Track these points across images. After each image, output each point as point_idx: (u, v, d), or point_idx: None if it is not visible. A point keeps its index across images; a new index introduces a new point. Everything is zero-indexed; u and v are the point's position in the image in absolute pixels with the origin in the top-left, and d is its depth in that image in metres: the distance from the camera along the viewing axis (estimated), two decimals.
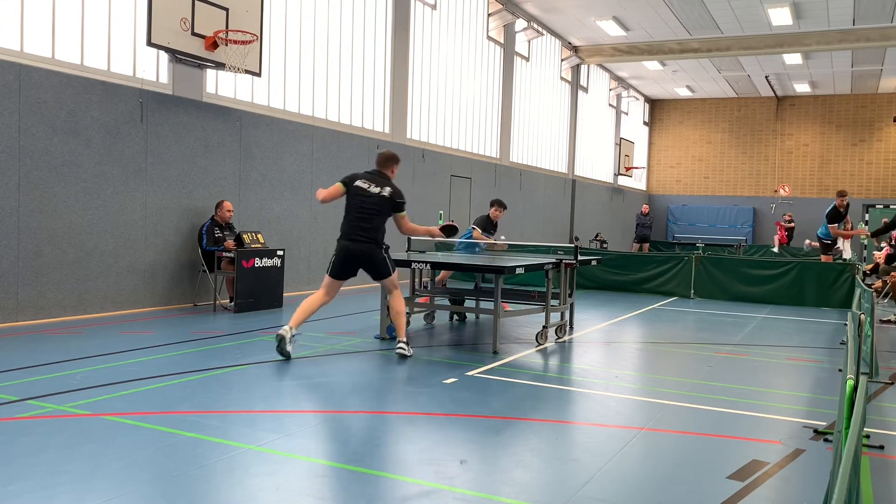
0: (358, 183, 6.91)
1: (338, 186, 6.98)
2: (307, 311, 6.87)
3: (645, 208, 24.03)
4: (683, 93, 30.44)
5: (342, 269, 6.96)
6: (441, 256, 9.57)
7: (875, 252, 21.00)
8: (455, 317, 9.85)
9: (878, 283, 14.55)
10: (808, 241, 20.46)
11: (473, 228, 11.01)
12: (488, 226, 11.06)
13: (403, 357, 6.93)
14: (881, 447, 4.57)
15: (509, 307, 8.73)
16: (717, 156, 31.53)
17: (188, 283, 10.26)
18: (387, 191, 6.91)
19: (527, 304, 8.77)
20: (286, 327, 6.73)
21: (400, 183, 14.93)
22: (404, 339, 7.02)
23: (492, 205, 11.09)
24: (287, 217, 11.99)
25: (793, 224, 26.66)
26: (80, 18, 8.91)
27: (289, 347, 6.67)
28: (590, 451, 4.48)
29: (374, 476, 3.92)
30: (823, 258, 14.74)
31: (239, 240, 9.94)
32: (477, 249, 10.88)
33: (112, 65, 9.32)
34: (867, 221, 26.05)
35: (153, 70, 9.85)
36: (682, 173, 32.28)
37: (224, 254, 9.86)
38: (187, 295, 10.26)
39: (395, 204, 6.92)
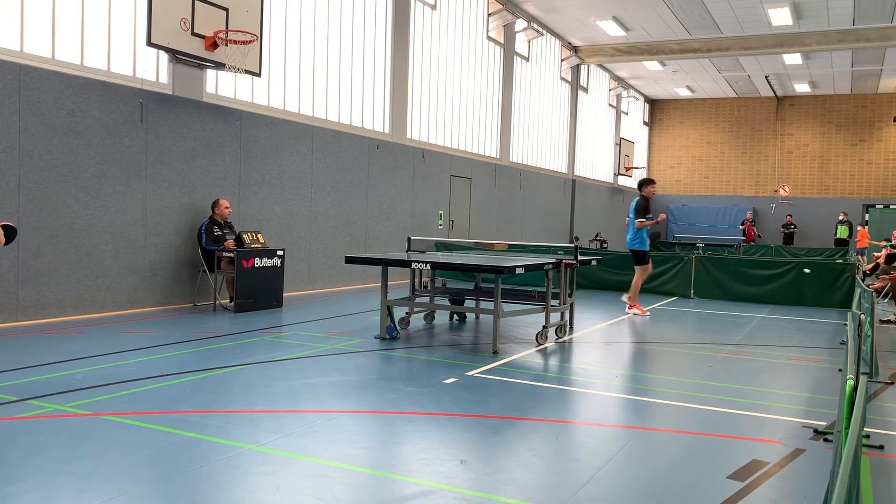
0: None
1: None
2: None
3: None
4: (683, 93, 30.44)
5: None
6: (441, 256, 9.56)
7: (875, 252, 20.99)
8: (455, 317, 9.85)
9: (878, 284, 14.55)
10: None
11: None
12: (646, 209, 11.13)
13: None
14: (881, 447, 4.57)
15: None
16: (717, 156, 31.54)
17: (188, 283, 10.26)
18: None
19: (527, 304, 8.77)
20: None
21: (400, 183, 15.06)
22: None
23: (644, 185, 11.32)
24: (287, 217, 11.99)
25: (750, 224, 27.92)
26: (80, 18, 8.91)
27: None
28: (590, 451, 4.48)
29: (375, 476, 3.92)
30: None
31: (239, 240, 9.94)
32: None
33: (112, 65, 9.31)
34: (867, 222, 26.04)
35: (153, 70, 9.84)
36: (682, 173, 32.28)
37: (224, 254, 9.86)
38: (187, 295, 10.26)
39: None
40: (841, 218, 26.66)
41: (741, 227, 29.23)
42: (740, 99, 30.83)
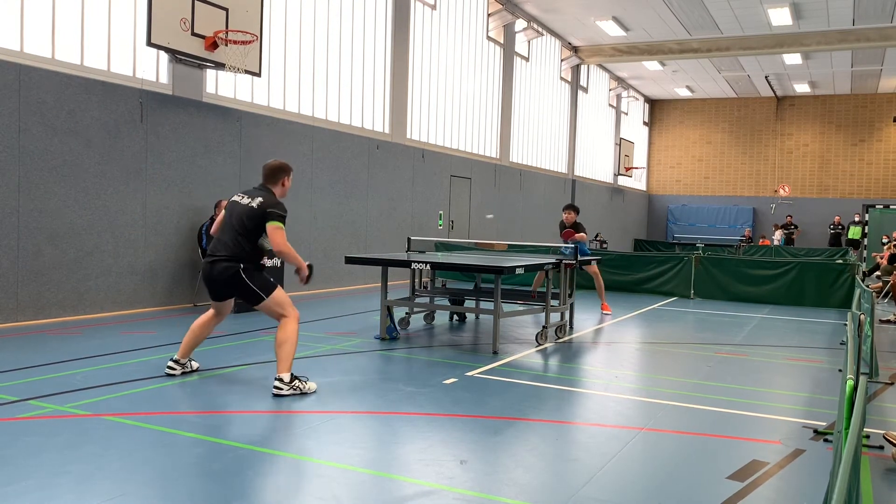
0: None
1: None
2: None
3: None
4: (683, 93, 30.44)
5: None
6: (441, 257, 9.56)
7: (874, 253, 20.99)
8: (455, 317, 9.85)
9: (879, 284, 14.55)
10: None
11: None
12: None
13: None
14: (881, 447, 4.57)
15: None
16: (717, 156, 31.54)
17: (188, 283, 10.26)
18: None
19: (527, 304, 8.77)
20: None
21: (400, 183, 15.06)
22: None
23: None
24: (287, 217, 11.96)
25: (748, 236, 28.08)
26: (80, 18, 8.91)
27: None
28: (590, 451, 4.47)
29: (375, 476, 3.92)
30: None
31: None
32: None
33: (112, 65, 9.31)
34: (867, 222, 26.03)
35: (153, 70, 9.84)
36: (682, 173, 32.28)
37: None
38: (187, 295, 10.26)
39: None
40: (856, 219, 26.60)
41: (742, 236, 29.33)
42: (740, 99, 30.82)
